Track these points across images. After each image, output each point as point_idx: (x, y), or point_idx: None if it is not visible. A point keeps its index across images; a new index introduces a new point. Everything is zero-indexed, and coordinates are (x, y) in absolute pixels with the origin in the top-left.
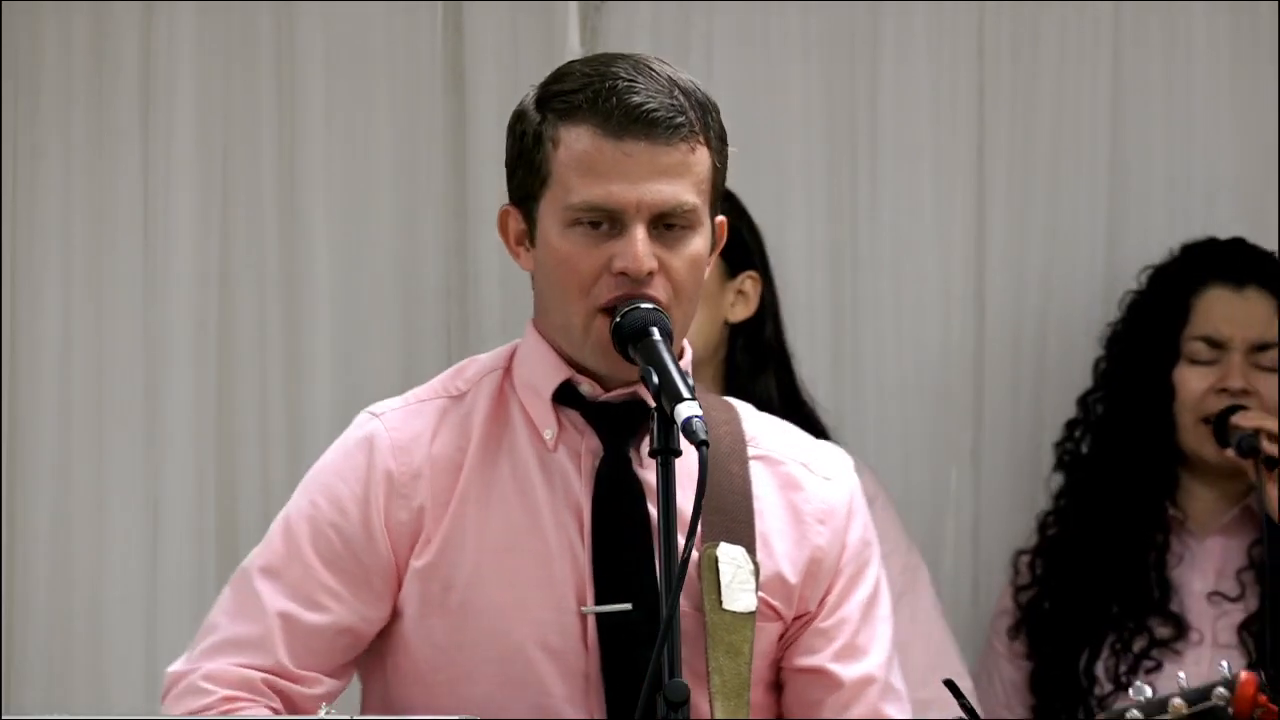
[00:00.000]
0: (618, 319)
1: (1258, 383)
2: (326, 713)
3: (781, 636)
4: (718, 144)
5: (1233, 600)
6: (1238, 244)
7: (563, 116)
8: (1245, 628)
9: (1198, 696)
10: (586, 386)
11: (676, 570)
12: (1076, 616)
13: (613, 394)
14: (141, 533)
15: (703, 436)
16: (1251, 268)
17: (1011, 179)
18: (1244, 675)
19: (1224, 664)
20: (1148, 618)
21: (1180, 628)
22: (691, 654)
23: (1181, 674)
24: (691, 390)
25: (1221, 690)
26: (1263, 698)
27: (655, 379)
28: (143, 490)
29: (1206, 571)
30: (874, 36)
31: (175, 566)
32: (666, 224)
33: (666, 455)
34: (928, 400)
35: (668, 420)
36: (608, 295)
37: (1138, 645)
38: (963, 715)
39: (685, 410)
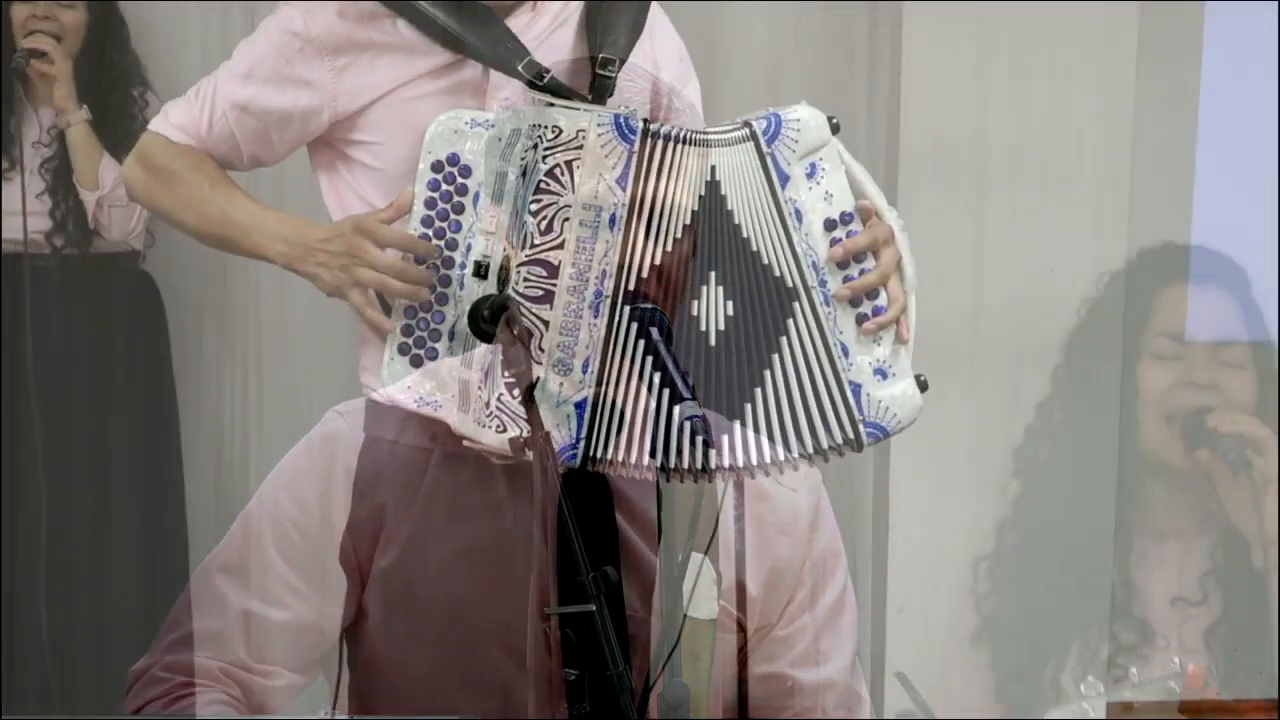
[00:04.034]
0: None
1: None
2: (326, 713)
3: (742, 648)
4: None
5: (1195, 605)
6: None
7: None
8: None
9: None
10: None
11: (675, 571)
12: (1039, 624)
13: None
14: (141, 532)
15: (702, 436)
16: None
17: (1011, 177)
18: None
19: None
20: (1112, 623)
21: (1144, 633)
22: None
23: None
24: (692, 390)
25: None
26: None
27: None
28: (143, 489)
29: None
30: (874, 37)
31: (174, 566)
32: None
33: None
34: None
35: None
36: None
37: (1104, 653)
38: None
39: (685, 410)
